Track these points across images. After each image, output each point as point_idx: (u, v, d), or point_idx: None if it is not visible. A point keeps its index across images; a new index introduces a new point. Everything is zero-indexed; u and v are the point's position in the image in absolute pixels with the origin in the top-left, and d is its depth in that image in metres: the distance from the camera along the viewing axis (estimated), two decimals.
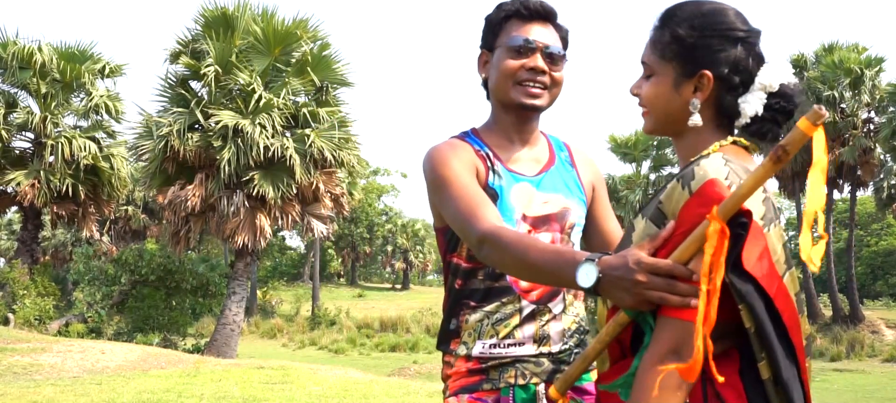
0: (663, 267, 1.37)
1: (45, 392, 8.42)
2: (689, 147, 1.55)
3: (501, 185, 1.89)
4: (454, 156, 1.87)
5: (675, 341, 1.36)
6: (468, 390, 1.88)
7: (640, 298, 1.38)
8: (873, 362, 27.14)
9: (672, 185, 1.44)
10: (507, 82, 1.91)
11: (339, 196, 18.35)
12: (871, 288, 48.04)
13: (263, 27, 17.00)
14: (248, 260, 18.06)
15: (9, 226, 43.30)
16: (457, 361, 1.91)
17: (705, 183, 1.39)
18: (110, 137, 21.05)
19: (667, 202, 1.44)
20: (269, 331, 35.01)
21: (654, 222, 1.46)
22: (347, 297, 47.28)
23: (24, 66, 18.86)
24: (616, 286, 1.40)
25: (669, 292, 1.36)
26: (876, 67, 29.84)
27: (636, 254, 1.39)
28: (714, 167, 1.41)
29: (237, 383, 9.30)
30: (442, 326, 1.97)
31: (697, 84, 1.51)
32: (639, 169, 36.34)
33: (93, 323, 20.45)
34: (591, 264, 1.44)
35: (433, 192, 1.88)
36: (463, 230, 1.76)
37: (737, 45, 1.49)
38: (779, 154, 1.30)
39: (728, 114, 1.53)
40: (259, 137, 16.10)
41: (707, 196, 1.37)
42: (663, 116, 1.57)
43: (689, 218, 1.38)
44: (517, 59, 1.90)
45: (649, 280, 1.37)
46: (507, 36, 1.92)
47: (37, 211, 20.28)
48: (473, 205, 1.75)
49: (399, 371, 23.49)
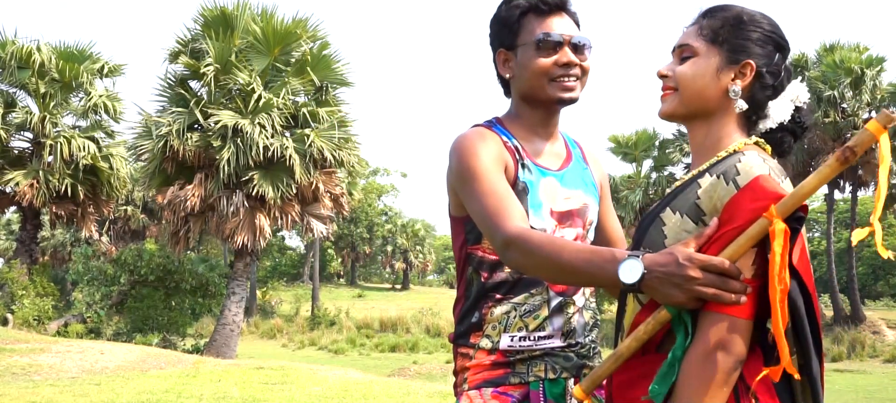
0: (717, 264, 1.38)
1: (43, 393, 8.38)
2: (708, 134, 1.59)
3: (531, 180, 1.87)
4: (484, 148, 1.83)
5: (723, 337, 1.38)
6: (492, 383, 1.84)
7: (691, 294, 1.39)
8: (874, 362, 27.12)
9: (712, 182, 1.47)
10: (541, 80, 1.88)
11: (338, 196, 18.32)
12: (873, 288, 48.03)
13: (263, 27, 16.98)
14: (248, 261, 18.03)
15: (7, 226, 43.29)
16: (477, 353, 1.86)
17: (753, 178, 1.42)
18: (109, 137, 21.03)
19: (706, 198, 1.47)
20: (269, 332, 35.01)
21: (691, 218, 1.48)
22: (347, 297, 47.28)
23: (22, 66, 18.84)
24: (665, 282, 1.40)
25: (722, 289, 1.38)
26: (877, 67, 29.82)
27: (686, 251, 1.40)
28: (757, 163, 1.44)
29: (237, 383, 9.26)
30: (461, 319, 1.92)
31: (739, 72, 1.55)
32: (639, 169, 36.33)
33: (92, 323, 20.41)
34: (635, 260, 1.43)
35: (458, 182, 1.84)
36: (488, 229, 1.73)
37: (777, 51, 1.56)
38: (846, 155, 1.34)
39: (755, 112, 1.57)
40: (258, 137, 16.08)
41: (759, 191, 1.41)
42: (695, 97, 1.58)
43: (741, 213, 1.40)
44: (548, 56, 1.87)
45: (704, 276, 1.38)
46: (531, 34, 1.89)
47: (36, 211, 20.25)
48: (501, 205, 1.72)
49: (399, 372, 23.47)
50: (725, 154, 1.52)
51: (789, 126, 1.57)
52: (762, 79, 1.55)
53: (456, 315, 1.94)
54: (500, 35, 1.95)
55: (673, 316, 1.44)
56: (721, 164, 1.48)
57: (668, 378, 1.43)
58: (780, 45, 1.56)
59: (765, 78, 1.55)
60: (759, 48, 1.55)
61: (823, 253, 34.47)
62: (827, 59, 30.11)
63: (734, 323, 1.38)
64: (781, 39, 1.57)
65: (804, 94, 1.57)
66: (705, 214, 1.46)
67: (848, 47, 30.49)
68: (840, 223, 46.47)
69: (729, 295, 1.38)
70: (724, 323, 1.38)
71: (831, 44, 30.81)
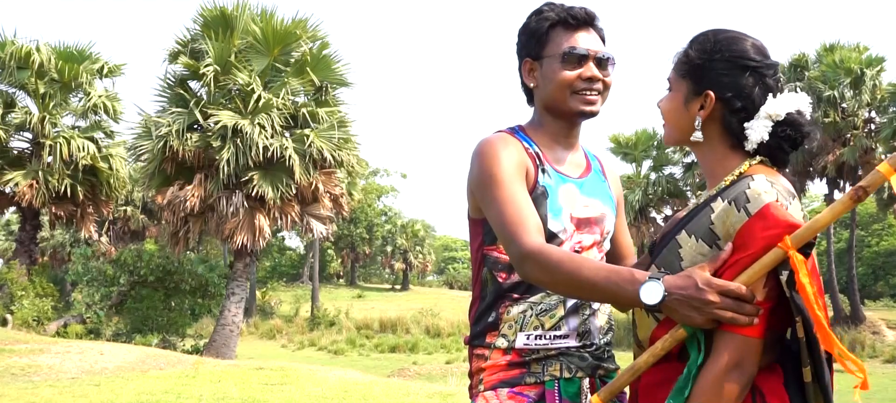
0: (735, 290, 1.48)
1: (43, 394, 8.38)
2: (709, 160, 1.68)
3: (550, 185, 1.90)
4: (506, 154, 1.86)
5: (739, 356, 1.49)
6: (508, 384, 1.85)
7: (709, 317, 1.49)
8: (874, 363, 27.11)
9: (724, 208, 1.54)
10: (564, 93, 1.93)
11: (338, 196, 18.31)
12: (872, 288, 47.99)
13: (262, 27, 16.98)
14: (248, 261, 18.02)
15: (7, 227, 43.26)
16: (492, 353, 1.88)
17: (764, 206, 1.50)
18: (109, 137, 21.04)
19: (719, 224, 1.55)
20: (269, 332, 35.00)
21: (706, 242, 1.56)
22: (347, 298, 47.26)
23: (22, 66, 18.85)
24: (684, 304, 1.50)
25: (738, 312, 1.48)
26: (877, 67, 29.82)
27: (705, 275, 1.50)
28: (765, 189, 1.52)
29: (236, 384, 9.25)
30: (477, 320, 1.94)
31: (703, 103, 1.63)
32: (639, 169, 36.36)
33: (91, 324, 20.39)
34: (656, 282, 1.51)
35: (479, 187, 1.86)
36: (506, 238, 1.77)
37: (746, 72, 1.61)
38: (859, 194, 1.45)
39: (735, 135, 1.63)
40: (258, 137, 16.07)
41: (770, 220, 1.49)
42: (675, 130, 1.71)
43: (754, 240, 1.49)
44: (573, 69, 1.91)
45: (721, 300, 1.48)
46: (557, 46, 1.93)
47: (35, 211, 20.25)
48: (519, 217, 1.76)
49: (399, 372, 23.48)
50: (732, 178, 1.60)
51: (773, 142, 1.60)
52: (728, 104, 1.61)
53: (472, 316, 1.96)
54: (527, 45, 1.98)
55: (688, 334, 1.53)
56: (731, 189, 1.56)
57: (682, 392, 1.52)
58: (749, 67, 1.60)
59: (731, 103, 1.61)
60: (720, 76, 1.61)
61: (823, 253, 34.45)
62: (827, 59, 30.12)
63: (747, 343, 1.49)
64: (751, 60, 1.61)
65: (787, 107, 1.59)
66: (720, 239, 1.54)
67: (848, 47, 30.51)
68: (840, 223, 46.42)
69: (744, 318, 1.48)
70: (738, 342, 1.49)
71: (831, 44, 30.82)
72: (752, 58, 1.61)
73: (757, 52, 1.62)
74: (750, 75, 1.60)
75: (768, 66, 1.62)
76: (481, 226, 1.92)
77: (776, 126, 1.59)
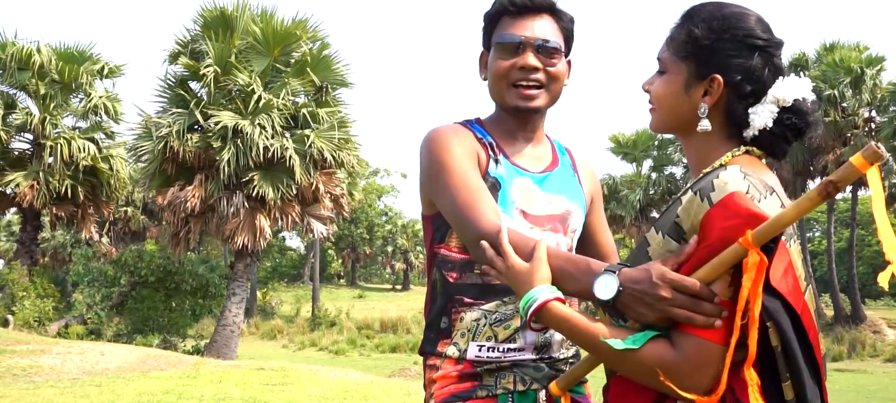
0: (689, 285, 1.32)
1: (44, 394, 8.38)
2: (698, 150, 1.51)
3: (501, 175, 1.78)
4: (456, 141, 1.75)
5: (692, 358, 1.33)
6: (460, 397, 1.73)
7: (662, 314, 1.35)
8: (875, 362, 27.11)
9: (689, 198, 1.39)
10: (500, 84, 1.81)
11: (338, 196, 18.32)
12: (873, 287, 47.93)
13: (263, 27, 16.98)
14: (248, 261, 18.03)
15: (8, 228, 43.27)
16: (444, 363, 1.76)
17: (727, 195, 1.34)
18: (109, 138, 21.04)
19: (685, 216, 1.39)
20: (269, 332, 34.99)
21: (672, 237, 1.41)
22: (347, 298, 47.27)
23: (22, 67, 18.84)
24: (638, 300, 1.36)
25: (694, 311, 1.32)
26: (877, 66, 29.81)
27: (660, 268, 1.35)
28: (734, 179, 1.36)
29: (237, 384, 9.26)
30: (429, 326, 1.81)
31: (708, 87, 1.46)
32: (639, 169, 36.36)
33: (92, 324, 20.41)
34: (610, 275, 1.40)
35: (429, 178, 1.76)
36: (460, 224, 1.66)
37: (754, 53, 1.45)
38: (828, 189, 1.27)
39: (737, 123, 1.47)
40: (258, 138, 16.08)
41: (731, 208, 1.33)
42: (670, 116, 1.53)
43: (714, 230, 1.33)
44: (508, 58, 1.78)
45: (674, 297, 1.33)
46: (497, 35, 1.81)
47: (36, 212, 20.25)
48: (473, 199, 1.64)
49: (399, 372, 23.43)
50: (710, 169, 1.44)
51: (777, 130, 1.45)
52: (737, 89, 1.45)
53: (426, 319, 1.84)
54: (483, 37, 1.88)
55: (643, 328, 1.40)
56: (702, 180, 1.40)
57: (639, 341, 1.37)
58: (757, 46, 1.45)
59: (740, 87, 1.44)
60: (728, 58, 1.45)
61: (824, 252, 34.47)
62: (827, 59, 30.12)
63: (705, 347, 1.32)
64: (759, 39, 1.45)
65: (794, 92, 1.45)
66: (685, 233, 1.39)
67: (848, 46, 30.51)
68: (840, 223, 46.46)
69: (700, 318, 1.32)
70: (695, 345, 1.32)
71: (831, 43, 30.84)
72: (761, 36, 1.45)
73: (764, 30, 1.47)
74: (759, 56, 1.44)
75: (776, 45, 1.47)
76: (432, 223, 1.81)
77: (781, 112, 1.44)
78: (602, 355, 1.43)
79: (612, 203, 35.53)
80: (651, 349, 1.35)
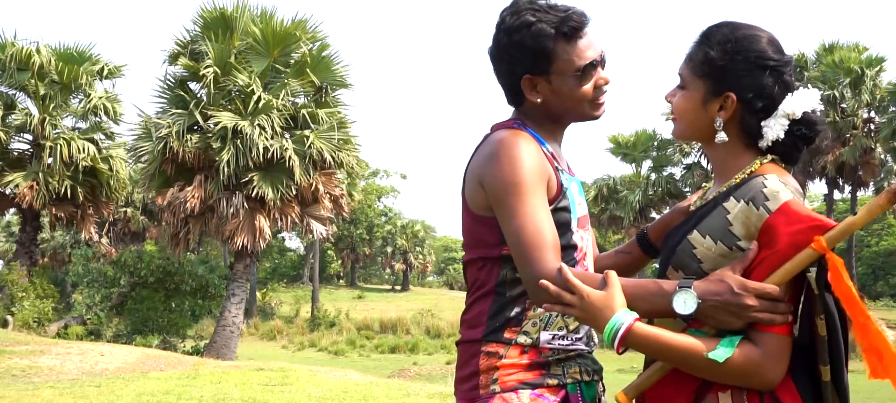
0: (770, 292, 1.48)
1: (43, 395, 8.39)
2: (723, 160, 1.68)
3: (568, 186, 1.84)
4: (530, 159, 1.75)
5: (774, 353, 1.50)
6: (529, 385, 1.75)
7: (747, 321, 1.50)
8: None
9: (742, 209, 1.54)
10: (582, 105, 1.87)
11: (338, 197, 18.33)
12: (872, 288, 47.98)
13: (262, 28, 16.99)
14: (248, 262, 18.03)
15: (7, 228, 43.24)
16: (509, 351, 1.77)
17: (783, 204, 1.51)
18: (109, 139, 21.04)
19: (739, 225, 1.54)
20: (269, 333, 35.00)
21: (726, 244, 1.55)
22: (347, 299, 47.28)
23: (22, 68, 18.85)
24: (721, 310, 1.50)
25: (774, 313, 1.49)
26: (876, 67, 29.81)
27: (738, 279, 1.50)
28: (780, 187, 1.53)
29: (237, 385, 9.25)
30: (493, 315, 1.80)
31: (723, 104, 1.63)
32: (638, 169, 36.37)
33: (92, 325, 20.40)
34: (687, 292, 1.51)
35: (498, 193, 1.74)
36: (522, 258, 1.69)
37: (765, 72, 1.60)
38: None
39: (752, 134, 1.64)
40: (258, 138, 16.09)
41: (793, 215, 1.50)
42: (690, 128, 1.70)
43: (780, 237, 1.49)
44: (588, 82, 1.84)
45: (759, 303, 1.48)
46: (568, 63, 1.81)
47: (35, 212, 20.25)
48: (540, 238, 1.68)
49: (399, 373, 23.47)
50: (743, 175, 1.60)
51: (788, 140, 1.60)
52: (749, 105, 1.61)
53: (481, 311, 1.82)
54: (525, 62, 1.83)
55: (716, 335, 1.54)
56: (744, 188, 1.55)
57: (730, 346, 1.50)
58: (768, 66, 1.60)
59: (752, 104, 1.60)
60: (742, 78, 1.60)
61: None
62: (826, 59, 30.12)
63: (782, 341, 1.50)
64: (770, 59, 1.60)
65: (803, 105, 1.60)
66: (740, 239, 1.54)
67: (847, 47, 30.50)
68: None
69: (780, 318, 1.49)
70: (774, 340, 1.49)
71: (831, 43, 30.81)
72: (772, 57, 1.61)
73: (775, 50, 1.62)
74: (769, 74, 1.60)
75: (785, 64, 1.62)
76: (495, 226, 1.78)
77: (792, 124, 1.60)
78: (691, 367, 1.54)
79: (611, 203, 35.53)
80: (740, 353, 1.49)
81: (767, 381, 1.50)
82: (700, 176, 32.26)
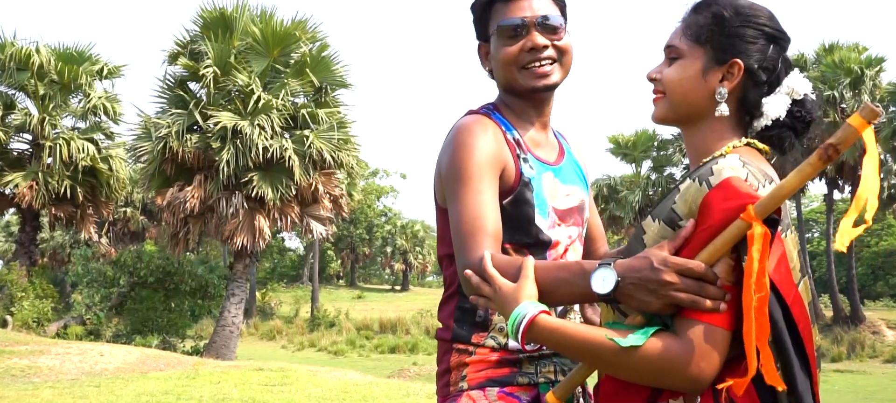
0: (694, 268, 1.30)
1: (43, 395, 8.39)
2: (701, 139, 1.51)
3: (533, 175, 1.74)
4: (482, 146, 1.67)
5: (699, 345, 1.30)
6: (498, 382, 1.69)
7: (667, 300, 1.31)
8: (874, 363, 27.13)
9: (687, 185, 1.39)
10: (511, 70, 1.76)
11: (338, 197, 18.32)
12: (872, 288, 47.99)
13: (262, 28, 16.99)
14: (248, 262, 18.02)
15: (7, 228, 43.27)
16: (478, 350, 1.71)
17: (725, 178, 1.34)
18: (109, 139, 21.05)
19: (682, 203, 1.39)
20: (269, 333, 34.99)
21: (668, 224, 1.40)
22: (347, 299, 47.29)
23: (21, 68, 18.85)
24: (640, 289, 1.32)
25: (699, 294, 1.30)
26: (876, 67, 29.84)
27: (660, 254, 1.32)
28: (732, 166, 1.37)
29: (236, 385, 9.26)
30: (462, 318, 1.74)
31: (727, 72, 1.47)
32: (638, 169, 36.39)
33: (91, 325, 20.39)
34: (606, 268, 1.36)
35: (446, 180, 1.69)
36: (457, 247, 1.61)
37: (771, 43, 1.47)
38: (829, 152, 1.25)
39: (749, 112, 1.49)
40: (258, 138, 16.08)
41: (730, 189, 1.32)
42: (682, 102, 1.51)
43: (714, 213, 1.32)
44: (514, 42, 1.74)
45: (680, 281, 1.30)
46: (497, 21, 1.76)
47: (35, 212, 20.25)
48: (478, 226, 1.58)
49: (398, 373, 23.44)
50: (710, 159, 1.44)
51: (788, 121, 1.47)
52: (754, 76, 1.46)
53: (449, 313, 1.77)
54: (476, 29, 1.84)
55: (646, 320, 1.37)
56: (701, 169, 1.40)
57: (642, 336, 1.33)
58: (773, 37, 1.47)
59: (757, 75, 1.46)
60: (748, 44, 1.46)
61: (823, 253, 34.49)
62: (826, 59, 30.13)
63: (712, 332, 1.29)
64: (775, 30, 1.48)
65: (803, 86, 1.48)
66: (682, 218, 1.38)
67: (847, 47, 30.52)
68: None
69: (706, 301, 1.29)
70: (701, 329, 1.29)
71: (831, 43, 30.83)
72: (777, 27, 1.48)
73: (777, 23, 1.49)
74: (774, 46, 1.47)
75: (787, 39, 1.49)
76: None
77: (792, 104, 1.47)
78: (599, 361, 1.38)
79: (611, 204, 35.54)
80: (654, 343, 1.31)
81: (689, 377, 1.29)
82: None
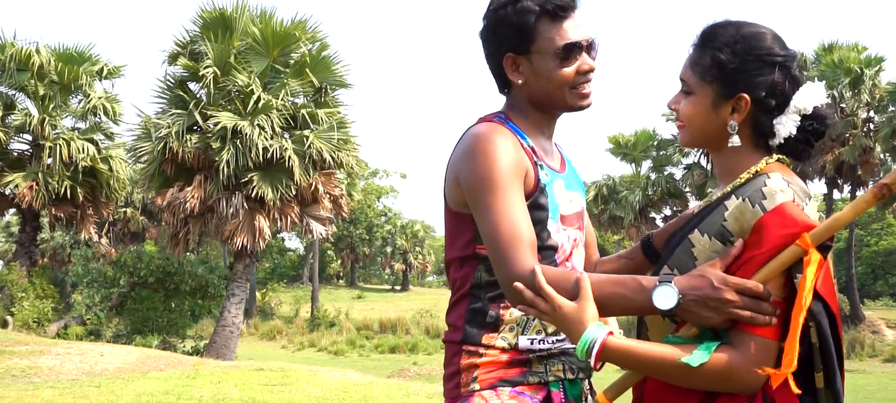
0: (752, 287, 1.44)
1: (43, 395, 8.39)
2: (730, 162, 1.63)
3: (548, 182, 1.78)
4: (505, 152, 1.70)
5: (755, 356, 1.45)
6: (509, 383, 1.73)
7: (727, 317, 1.45)
8: (874, 362, 27.14)
9: (739, 205, 1.51)
10: (562, 90, 1.79)
11: (338, 197, 18.33)
12: (872, 288, 48.02)
13: (262, 28, 16.99)
14: (248, 262, 18.04)
15: (7, 229, 43.25)
16: (489, 350, 1.75)
17: (780, 204, 1.47)
18: (109, 139, 21.05)
19: (733, 221, 1.51)
20: (269, 333, 35.01)
21: (719, 240, 1.53)
22: (347, 299, 47.30)
23: (21, 68, 18.85)
24: (701, 305, 1.46)
25: (756, 311, 1.44)
26: (876, 67, 29.82)
27: (719, 274, 1.46)
28: (781, 187, 1.49)
29: (236, 385, 9.26)
30: (473, 319, 1.77)
31: (735, 106, 1.58)
32: (638, 169, 36.37)
33: (91, 325, 20.40)
34: (668, 287, 1.47)
35: (472, 189, 1.69)
36: (495, 256, 1.64)
37: (775, 69, 1.56)
38: (882, 191, 1.41)
39: (763, 134, 1.60)
40: (258, 139, 16.09)
41: (787, 217, 1.46)
42: (700, 134, 1.64)
43: (770, 237, 1.46)
44: (569, 65, 1.77)
45: (739, 299, 1.44)
46: (549, 42, 1.76)
47: (35, 213, 20.25)
48: (514, 234, 1.62)
49: (398, 373, 23.46)
50: (748, 175, 1.56)
51: (801, 136, 1.58)
52: (763, 104, 1.57)
53: (459, 314, 1.80)
54: (509, 40, 1.79)
55: (701, 332, 1.50)
56: (746, 186, 1.53)
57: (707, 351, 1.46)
58: (777, 62, 1.56)
59: (765, 103, 1.56)
60: (753, 76, 1.56)
61: None
62: (826, 59, 30.13)
63: (765, 345, 1.45)
64: (778, 56, 1.56)
65: (812, 100, 1.57)
66: (733, 236, 1.50)
67: (847, 47, 30.52)
68: None
69: (762, 317, 1.44)
70: (756, 343, 1.45)
71: (830, 43, 30.83)
72: (779, 53, 1.57)
73: (780, 46, 1.58)
74: (779, 71, 1.56)
75: (792, 58, 1.58)
76: (472, 223, 1.74)
77: (803, 119, 1.57)
78: (667, 376, 1.51)
79: (611, 204, 35.53)
80: (718, 358, 1.45)
81: (748, 384, 1.45)
82: (700, 176, 32.28)
